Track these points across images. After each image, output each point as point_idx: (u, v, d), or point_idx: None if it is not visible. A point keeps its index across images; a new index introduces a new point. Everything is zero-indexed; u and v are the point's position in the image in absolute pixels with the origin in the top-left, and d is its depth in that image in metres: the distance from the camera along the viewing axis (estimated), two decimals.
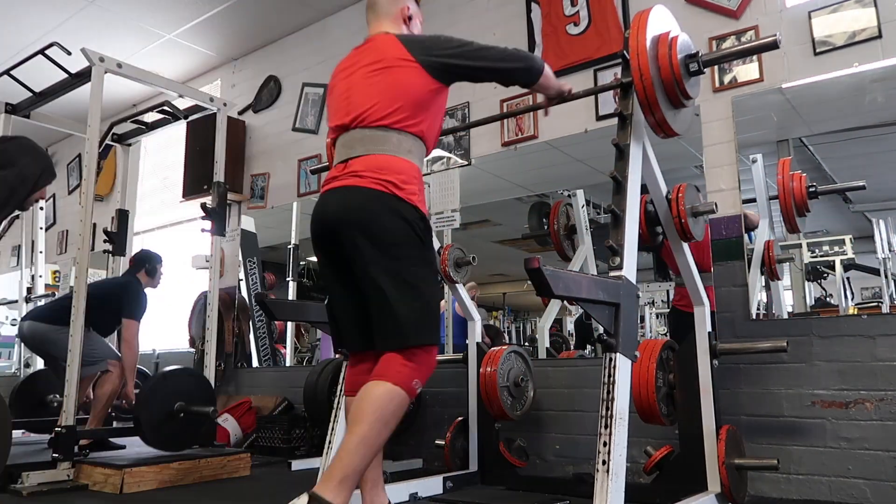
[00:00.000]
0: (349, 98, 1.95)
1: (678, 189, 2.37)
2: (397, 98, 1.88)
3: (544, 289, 1.52)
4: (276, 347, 4.99)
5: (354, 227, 1.78)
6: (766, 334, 2.67)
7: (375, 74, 1.93)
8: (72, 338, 3.07)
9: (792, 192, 2.72)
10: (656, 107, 1.88)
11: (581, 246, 3.66)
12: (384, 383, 1.67)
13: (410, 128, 1.89)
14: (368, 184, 1.80)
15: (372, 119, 1.87)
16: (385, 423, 1.64)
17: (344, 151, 1.92)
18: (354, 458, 1.59)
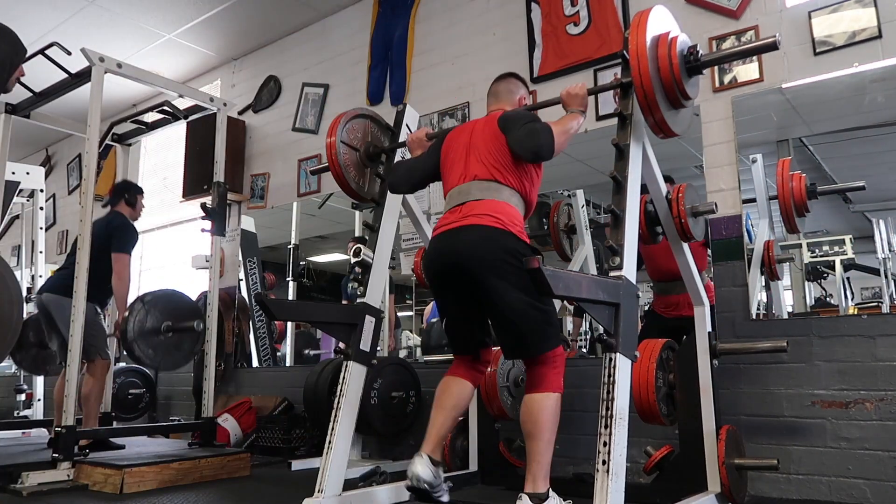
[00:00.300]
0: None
1: (678, 189, 2.37)
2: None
3: (544, 289, 1.52)
4: (276, 347, 4.99)
5: (475, 259, 2.07)
6: (766, 334, 2.68)
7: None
8: (72, 338, 3.07)
9: (791, 192, 2.72)
10: (656, 107, 1.88)
11: (581, 246, 3.66)
12: (549, 394, 2.03)
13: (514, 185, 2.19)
14: (485, 221, 2.09)
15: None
16: (557, 424, 2.02)
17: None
18: (546, 458, 1.98)
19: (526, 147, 2.11)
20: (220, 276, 4.07)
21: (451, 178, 2.27)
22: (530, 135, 2.10)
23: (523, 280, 1.92)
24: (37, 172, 5.06)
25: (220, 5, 4.68)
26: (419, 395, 3.53)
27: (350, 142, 2.79)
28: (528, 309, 2.03)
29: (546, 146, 2.07)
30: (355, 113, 2.84)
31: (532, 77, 3.64)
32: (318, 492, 2.15)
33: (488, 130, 2.25)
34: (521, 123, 2.15)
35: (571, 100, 2.22)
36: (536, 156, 2.12)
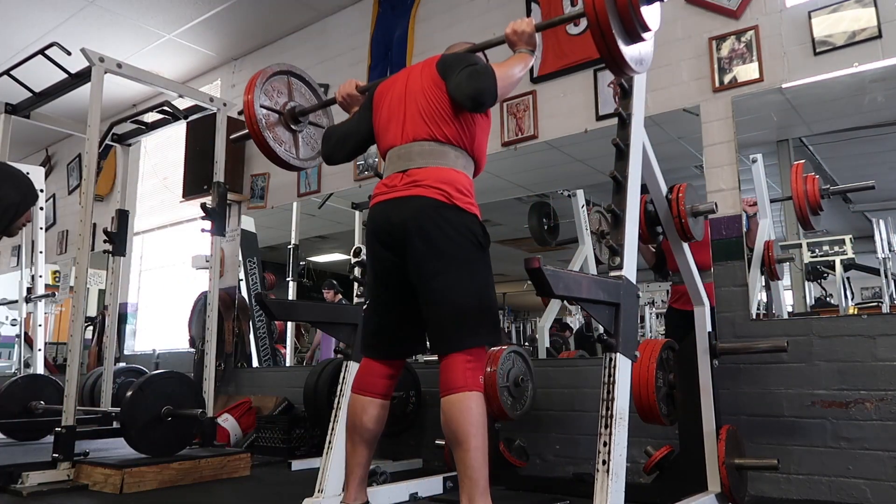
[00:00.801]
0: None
1: (678, 189, 2.37)
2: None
3: (544, 289, 1.52)
4: (276, 347, 4.99)
5: (415, 235, 1.88)
6: (766, 334, 2.68)
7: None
8: (71, 338, 3.08)
9: (806, 193, 2.73)
10: (611, 38, 1.62)
11: (581, 246, 3.67)
12: (470, 394, 1.79)
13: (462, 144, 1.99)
14: (430, 193, 1.89)
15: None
16: (485, 427, 1.80)
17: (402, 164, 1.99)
18: (482, 469, 1.76)
19: (464, 92, 1.88)
20: (220, 276, 4.07)
21: (388, 136, 2.03)
22: (470, 78, 1.87)
23: (466, 261, 1.86)
24: (37, 172, 5.04)
25: (220, 5, 4.68)
26: (419, 395, 3.53)
27: (271, 104, 2.53)
28: (466, 296, 1.84)
29: (487, 91, 1.85)
30: (273, 70, 2.58)
31: (532, 77, 3.64)
32: (318, 492, 2.15)
33: (426, 77, 2.01)
34: (461, 66, 1.93)
35: (518, 38, 2.02)
36: (476, 102, 1.88)
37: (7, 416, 3.93)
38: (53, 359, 6.16)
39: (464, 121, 1.97)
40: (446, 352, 1.84)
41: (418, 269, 1.88)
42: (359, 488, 1.96)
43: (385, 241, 1.94)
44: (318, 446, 3.69)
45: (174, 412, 3.12)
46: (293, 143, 2.59)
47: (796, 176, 2.78)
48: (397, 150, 1.99)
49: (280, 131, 2.55)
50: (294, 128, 2.59)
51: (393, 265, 1.95)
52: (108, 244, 4.08)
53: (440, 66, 2.01)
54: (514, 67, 1.97)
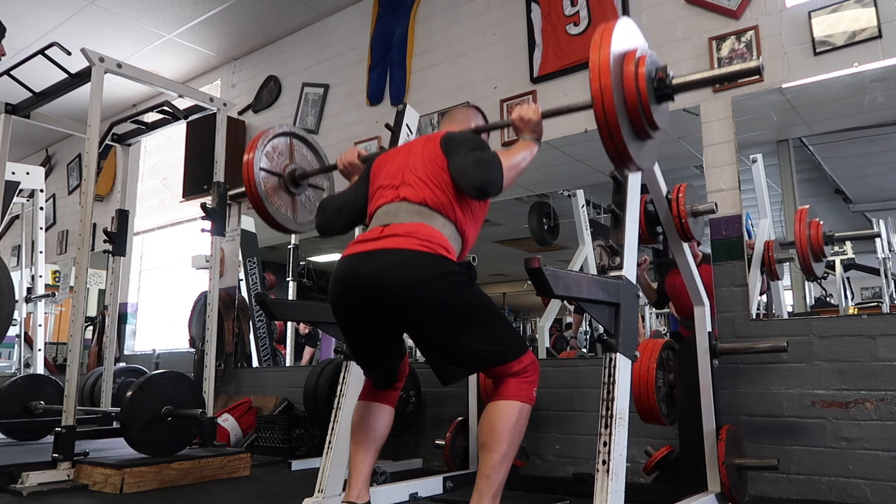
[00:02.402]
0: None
1: (678, 189, 2.37)
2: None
3: (544, 289, 1.52)
4: (276, 347, 4.99)
5: (395, 295, 1.75)
6: (766, 334, 2.68)
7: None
8: (71, 338, 3.08)
9: (809, 239, 2.73)
10: (617, 134, 1.54)
11: (581, 246, 3.67)
12: (514, 402, 1.77)
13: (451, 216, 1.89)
14: (409, 245, 1.76)
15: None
16: (519, 438, 1.78)
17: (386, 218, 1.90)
18: (500, 474, 1.73)
19: (470, 181, 1.81)
20: (220, 276, 4.07)
21: (379, 200, 1.95)
22: (476, 166, 1.80)
23: (459, 306, 1.75)
24: (37, 172, 5.06)
25: (220, 5, 4.68)
26: (419, 395, 3.53)
27: (271, 167, 2.48)
28: (474, 342, 1.78)
29: (494, 182, 1.78)
30: (277, 132, 2.54)
31: (532, 77, 3.64)
32: (318, 492, 2.15)
33: (428, 150, 1.96)
34: (467, 149, 1.87)
35: (524, 125, 1.95)
36: (481, 192, 1.82)
37: (7, 416, 3.94)
38: (53, 359, 6.16)
39: (460, 199, 1.89)
40: (488, 373, 1.86)
41: (408, 328, 1.82)
42: (363, 488, 1.97)
43: (355, 298, 1.80)
44: (318, 446, 3.69)
45: (174, 412, 3.11)
46: (291, 205, 2.55)
47: (800, 222, 2.77)
48: (385, 208, 1.91)
49: (278, 194, 2.50)
50: (293, 191, 2.55)
51: (368, 320, 1.83)
52: (108, 244, 4.08)
53: (444, 142, 1.95)
54: (520, 155, 1.89)
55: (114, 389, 4.12)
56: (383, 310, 1.77)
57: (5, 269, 2.60)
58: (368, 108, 4.43)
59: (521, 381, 1.81)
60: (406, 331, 1.86)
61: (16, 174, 4.77)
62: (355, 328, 1.90)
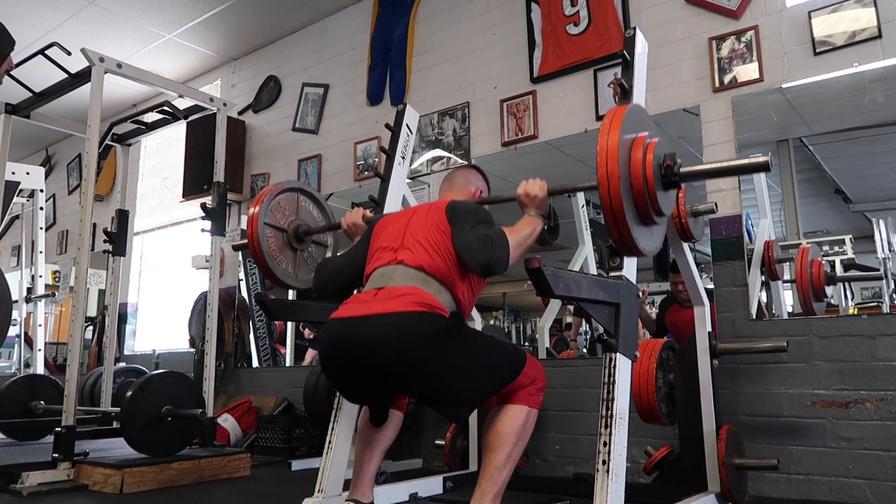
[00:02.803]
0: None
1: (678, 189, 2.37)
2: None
3: (544, 289, 1.52)
4: (276, 347, 4.99)
5: (390, 362, 1.72)
6: (766, 334, 2.68)
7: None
8: (71, 338, 3.08)
9: (811, 278, 2.74)
10: (623, 221, 1.52)
11: (581, 246, 3.67)
12: (522, 407, 1.82)
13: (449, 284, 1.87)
14: (402, 307, 1.73)
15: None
16: (525, 441, 1.82)
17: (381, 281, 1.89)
18: (505, 476, 1.76)
19: (476, 259, 1.77)
20: (220, 276, 4.07)
21: (377, 262, 1.93)
22: (483, 244, 1.76)
23: (455, 359, 1.74)
24: (37, 172, 5.06)
25: (220, 5, 4.68)
26: None
27: (275, 221, 2.47)
28: (475, 383, 1.79)
29: (500, 261, 1.74)
30: (283, 187, 2.54)
31: (532, 77, 3.64)
32: (318, 492, 2.15)
33: (432, 216, 1.94)
34: (473, 223, 1.84)
35: (529, 201, 1.93)
36: (487, 270, 1.77)
37: (7, 416, 3.94)
38: (53, 359, 6.16)
39: (460, 270, 1.87)
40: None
41: (406, 389, 1.81)
42: (367, 487, 1.98)
43: (349, 365, 1.76)
44: (318, 446, 3.69)
45: (174, 412, 3.11)
46: (293, 262, 2.53)
47: (801, 261, 2.78)
48: (380, 270, 1.89)
49: (281, 249, 2.49)
50: (296, 246, 2.53)
51: (362, 381, 1.80)
52: (108, 244, 4.08)
53: (449, 211, 1.93)
54: (525, 234, 1.86)
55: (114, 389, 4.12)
56: (379, 374, 1.74)
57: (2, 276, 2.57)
58: (368, 108, 4.43)
59: (529, 389, 1.85)
60: (404, 391, 1.86)
61: (16, 174, 4.77)
62: (349, 387, 1.88)
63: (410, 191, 2.88)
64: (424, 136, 4.04)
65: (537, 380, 1.87)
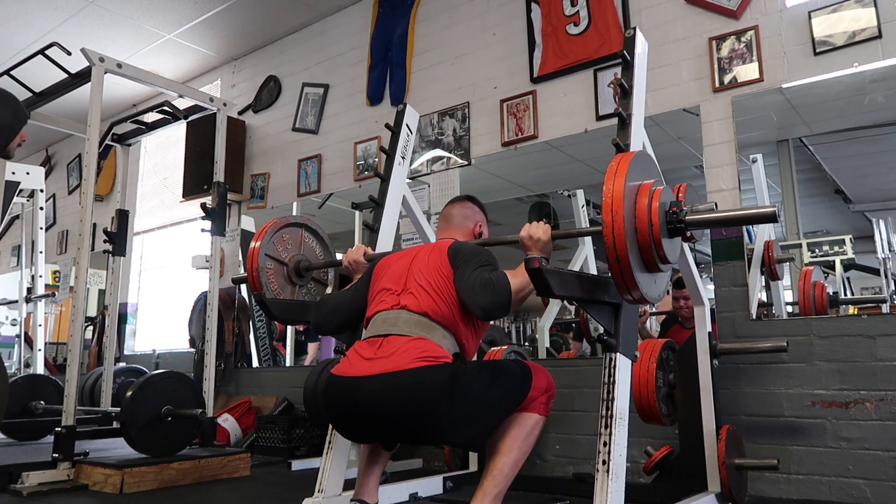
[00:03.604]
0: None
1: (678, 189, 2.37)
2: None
3: (544, 289, 1.52)
4: (276, 347, 4.99)
5: (395, 420, 1.74)
6: (767, 334, 2.68)
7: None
8: (71, 338, 3.08)
9: (813, 300, 2.76)
10: (627, 269, 1.52)
11: (581, 246, 3.67)
12: (530, 414, 1.85)
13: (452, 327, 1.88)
14: (404, 365, 1.72)
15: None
16: (531, 447, 1.84)
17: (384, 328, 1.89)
18: (508, 479, 1.77)
19: (478, 302, 1.78)
20: (220, 276, 4.07)
21: (379, 305, 1.93)
22: (484, 287, 1.76)
23: (464, 407, 1.73)
24: (37, 172, 5.05)
25: (220, 5, 4.68)
26: None
27: (277, 254, 2.47)
28: (489, 419, 1.81)
29: (501, 305, 1.76)
30: (286, 222, 2.54)
31: (532, 77, 3.64)
32: (318, 492, 2.15)
33: (434, 258, 1.94)
34: (475, 265, 1.85)
35: (532, 244, 1.88)
36: (487, 314, 1.80)
37: (7, 416, 3.93)
38: (53, 359, 6.16)
39: (463, 314, 1.87)
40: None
41: (419, 440, 1.88)
42: (373, 487, 1.99)
43: (356, 421, 1.78)
44: (318, 446, 3.69)
45: (174, 412, 3.11)
46: (291, 297, 2.52)
47: (804, 283, 2.79)
48: (384, 315, 1.89)
49: (280, 284, 2.48)
50: (296, 282, 2.53)
51: (368, 430, 1.81)
52: (108, 244, 4.08)
53: (451, 253, 1.94)
54: (525, 279, 1.81)
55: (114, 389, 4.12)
56: (388, 428, 1.76)
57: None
58: (368, 108, 4.43)
59: (540, 399, 1.88)
60: (417, 441, 1.90)
61: (16, 174, 4.77)
62: (355, 436, 1.90)
63: (410, 191, 2.88)
64: (424, 136, 4.04)
65: (548, 389, 1.90)
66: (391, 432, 1.78)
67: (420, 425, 1.73)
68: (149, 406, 3.06)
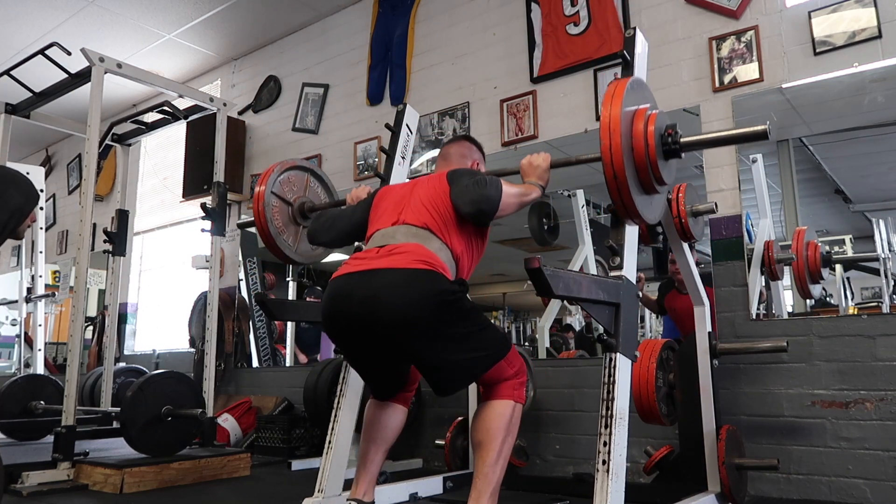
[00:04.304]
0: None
1: (678, 189, 2.37)
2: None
3: (544, 289, 1.52)
4: (276, 347, 4.99)
5: (386, 316, 1.74)
6: (766, 334, 2.68)
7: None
8: (71, 338, 3.08)
9: (807, 260, 2.75)
10: (626, 190, 1.57)
11: (581, 246, 3.66)
12: (506, 401, 1.82)
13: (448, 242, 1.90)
14: (403, 263, 1.76)
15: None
16: (513, 436, 1.82)
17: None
18: (498, 472, 1.77)
19: (467, 197, 1.84)
20: (220, 276, 4.07)
21: (378, 224, 1.97)
22: (476, 185, 1.84)
23: (450, 323, 1.75)
24: (37, 172, 5.05)
25: (220, 5, 4.68)
26: (419, 395, 3.53)
27: (283, 194, 2.54)
28: (468, 357, 1.79)
29: (490, 199, 1.81)
30: (293, 164, 2.63)
31: (532, 77, 3.64)
32: (318, 492, 2.15)
33: (433, 184, 1.99)
34: (469, 177, 1.91)
35: (532, 171, 1.99)
36: (477, 207, 1.83)
37: (7, 416, 3.93)
38: (53, 359, 6.15)
39: (461, 229, 1.90)
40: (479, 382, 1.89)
41: (401, 346, 1.79)
42: (369, 486, 1.98)
43: (348, 319, 1.80)
44: (318, 446, 3.69)
45: (174, 412, 3.11)
46: (294, 235, 2.58)
47: (798, 242, 2.78)
48: (382, 231, 1.93)
49: (285, 222, 2.55)
50: (300, 222, 2.59)
51: (361, 340, 1.84)
52: (108, 244, 4.08)
53: (449, 176, 1.99)
54: (521, 190, 1.92)
55: (114, 389, 4.12)
56: (375, 332, 1.76)
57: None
58: (368, 108, 4.43)
59: (513, 383, 1.86)
60: (398, 351, 1.84)
61: None
62: (349, 346, 1.91)
63: None
64: (424, 136, 4.04)
65: (520, 373, 1.88)
66: (375, 334, 1.76)
67: (405, 325, 1.72)
68: (149, 406, 3.06)
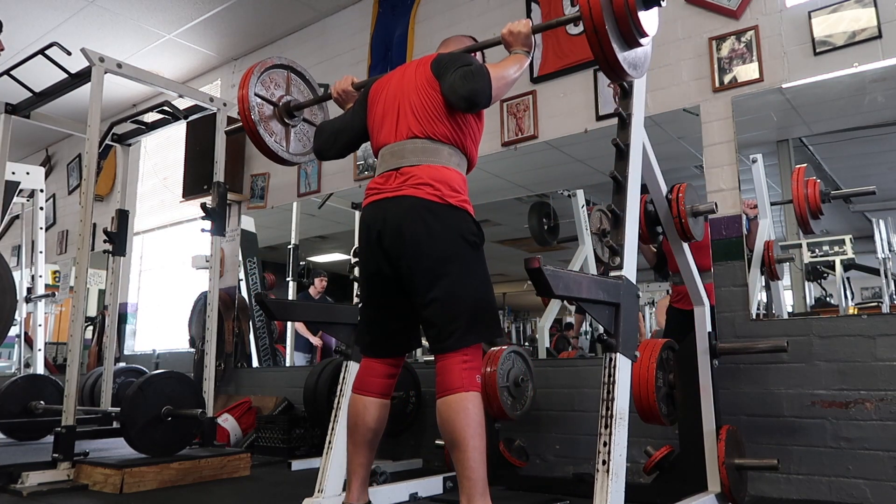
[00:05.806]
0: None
1: (678, 189, 2.37)
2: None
3: (544, 289, 1.52)
4: (276, 347, 4.99)
5: (407, 236, 1.85)
6: (767, 334, 2.68)
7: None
8: (71, 338, 3.08)
9: (807, 197, 2.75)
10: (607, 43, 1.53)
11: (581, 246, 3.67)
12: (466, 394, 1.79)
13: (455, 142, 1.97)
14: (421, 193, 1.86)
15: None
16: (483, 427, 1.79)
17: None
18: (480, 470, 1.75)
19: (458, 93, 1.86)
20: (220, 276, 4.07)
21: (382, 134, 2.01)
22: (465, 78, 1.86)
23: (459, 260, 1.85)
24: (37, 172, 5.06)
25: (220, 5, 4.68)
26: (419, 395, 3.53)
27: (266, 95, 2.51)
28: (460, 295, 1.84)
29: (481, 92, 1.85)
30: (272, 63, 2.57)
31: (532, 77, 3.64)
32: (318, 492, 2.15)
33: (420, 76, 2.00)
34: (455, 66, 1.91)
35: (514, 39, 2.01)
36: (470, 102, 1.87)
37: (7, 416, 3.94)
38: (53, 359, 6.16)
39: (457, 120, 1.95)
40: (442, 352, 1.84)
41: (410, 270, 1.87)
42: (361, 489, 1.97)
43: (377, 241, 1.91)
44: (318, 446, 3.69)
45: (174, 412, 3.11)
46: (285, 136, 2.56)
47: (797, 180, 2.78)
48: (390, 148, 1.97)
49: (273, 123, 2.53)
50: (287, 122, 2.57)
51: (385, 265, 1.93)
52: (108, 244, 4.08)
53: (434, 65, 1.99)
54: (510, 68, 1.95)
55: (114, 389, 4.12)
56: (398, 251, 1.86)
57: (7, 268, 2.62)
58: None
59: (465, 368, 1.81)
60: (412, 279, 1.87)
61: (16, 174, 4.77)
62: (373, 273, 1.96)
63: None
64: None
65: (477, 362, 1.87)
66: (397, 247, 1.86)
67: (414, 243, 1.84)
68: (149, 406, 3.06)
